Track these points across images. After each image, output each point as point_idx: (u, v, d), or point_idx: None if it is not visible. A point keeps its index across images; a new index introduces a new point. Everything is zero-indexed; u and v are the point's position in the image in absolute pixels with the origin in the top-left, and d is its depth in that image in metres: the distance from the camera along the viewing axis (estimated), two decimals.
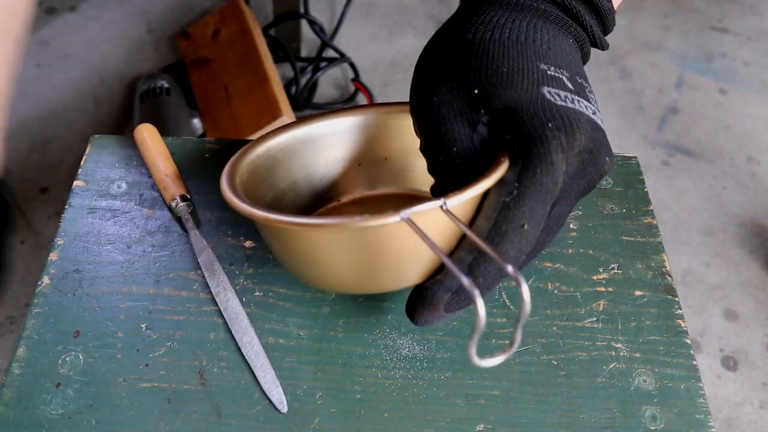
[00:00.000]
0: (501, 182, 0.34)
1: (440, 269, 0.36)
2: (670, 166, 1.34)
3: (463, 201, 0.32)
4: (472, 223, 0.35)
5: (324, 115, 0.46)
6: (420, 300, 0.36)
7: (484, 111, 0.35)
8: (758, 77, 1.51)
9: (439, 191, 0.37)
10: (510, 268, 0.30)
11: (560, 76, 0.36)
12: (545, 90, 0.35)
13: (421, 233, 0.30)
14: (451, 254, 0.35)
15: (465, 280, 0.29)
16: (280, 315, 0.43)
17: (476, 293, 0.28)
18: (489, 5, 0.38)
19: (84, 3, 1.56)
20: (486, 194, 0.34)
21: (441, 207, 0.32)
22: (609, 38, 1.57)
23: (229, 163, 0.41)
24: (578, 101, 0.35)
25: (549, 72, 0.36)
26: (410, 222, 0.31)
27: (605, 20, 0.40)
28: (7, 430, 0.38)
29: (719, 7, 1.67)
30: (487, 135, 0.35)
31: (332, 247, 0.34)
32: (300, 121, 0.46)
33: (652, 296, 0.45)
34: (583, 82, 0.37)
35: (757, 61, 1.55)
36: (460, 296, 0.36)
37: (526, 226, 0.33)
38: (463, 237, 0.35)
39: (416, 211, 0.31)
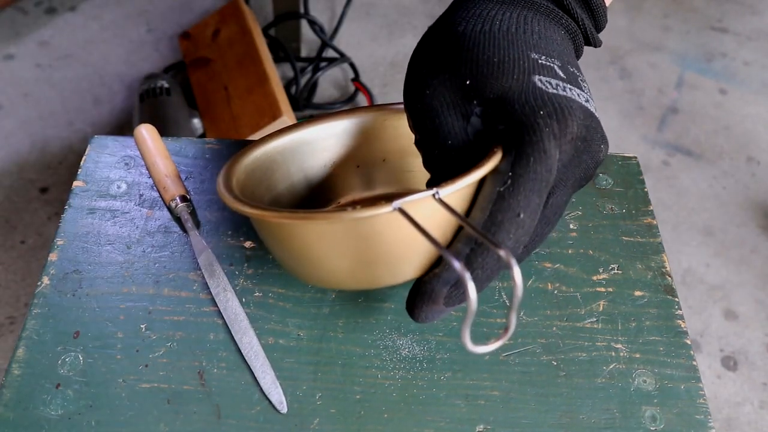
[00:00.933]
0: (495, 172, 0.33)
1: (438, 263, 0.36)
2: (670, 166, 1.34)
3: (456, 190, 0.32)
4: (467, 215, 0.35)
5: (321, 118, 0.46)
6: (419, 295, 0.36)
7: (476, 102, 0.35)
8: (758, 77, 1.51)
9: (435, 185, 0.37)
10: (502, 252, 0.29)
11: (551, 65, 0.36)
12: (536, 78, 0.35)
13: (414, 222, 0.30)
14: (448, 246, 0.35)
15: (456, 264, 0.29)
16: (280, 315, 0.43)
17: (467, 276, 0.28)
18: (479, 0, 0.39)
19: (84, 3, 1.56)
20: (481, 185, 0.34)
21: (434, 196, 0.31)
22: (609, 38, 1.58)
23: (226, 165, 0.41)
24: (570, 89, 0.35)
25: (540, 61, 0.36)
26: (403, 211, 0.31)
27: (597, 15, 0.40)
28: (6, 431, 0.38)
29: (719, 7, 1.67)
30: (480, 126, 0.35)
31: (326, 241, 0.34)
32: (297, 124, 0.46)
33: (652, 297, 0.45)
34: (575, 71, 0.37)
35: (757, 61, 1.54)
36: (459, 289, 0.35)
37: (521, 216, 0.33)
38: (459, 229, 0.35)
39: (409, 200, 0.31)
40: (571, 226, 0.48)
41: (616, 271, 0.46)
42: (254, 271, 0.45)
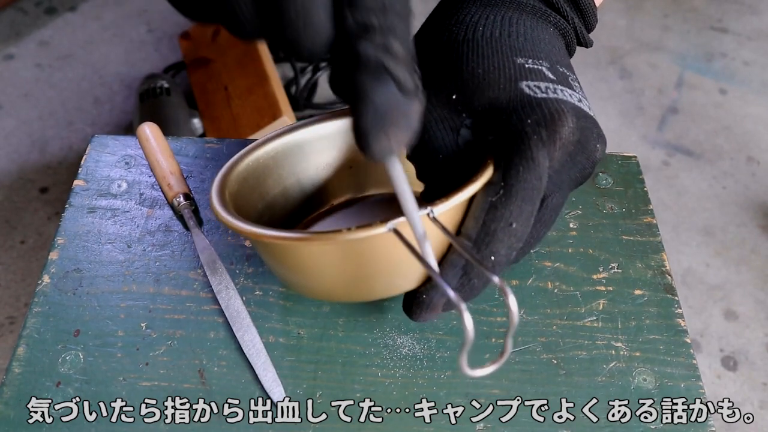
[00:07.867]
0: (488, 183, 0.33)
1: None
2: (670, 166, 1.34)
3: (451, 207, 0.32)
4: (462, 224, 0.35)
5: (312, 121, 0.46)
6: (416, 303, 0.36)
7: (465, 114, 0.35)
8: (758, 77, 1.51)
9: (430, 196, 0.37)
10: (496, 279, 0.29)
11: (539, 67, 0.35)
12: (524, 85, 0.34)
13: (408, 245, 0.31)
14: (444, 257, 0.35)
15: (452, 294, 0.28)
16: (281, 314, 0.43)
17: (463, 307, 0.28)
18: (464, 3, 0.38)
19: (84, 3, 1.56)
20: (474, 195, 0.34)
21: (428, 215, 0.32)
22: (609, 38, 1.58)
23: (218, 177, 0.41)
24: (561, 90, 0.35)
25: (526, 65, 0.35)
26: (398, 233, 0.31)
27: (586, 15, 0.39)
28: (7, 429, 0.38)
29: (719, 7, 1.67)
30: (471, 137, 0.35)
31: (322, 259, 0.34)
32: (288, 128, 0.45)
33: (651, 295, 0.45)
34: (565, 71, 0.36)
35: (757, 61, 1.55)
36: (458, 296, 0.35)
37: (514, 225, 0.33)
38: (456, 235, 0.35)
39: (403, 221, 0.31)
40: (571, 225, 0.48)
41: (615, 270, 0.46)
42: (255, 270, 0.45)
